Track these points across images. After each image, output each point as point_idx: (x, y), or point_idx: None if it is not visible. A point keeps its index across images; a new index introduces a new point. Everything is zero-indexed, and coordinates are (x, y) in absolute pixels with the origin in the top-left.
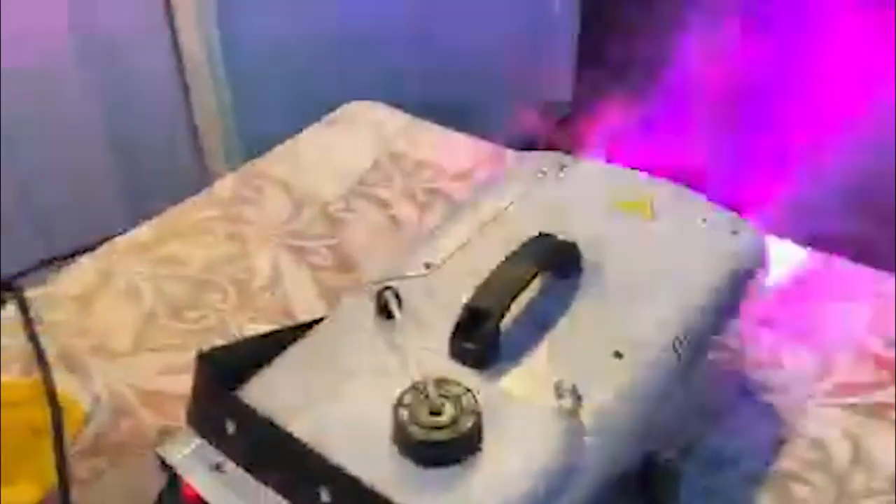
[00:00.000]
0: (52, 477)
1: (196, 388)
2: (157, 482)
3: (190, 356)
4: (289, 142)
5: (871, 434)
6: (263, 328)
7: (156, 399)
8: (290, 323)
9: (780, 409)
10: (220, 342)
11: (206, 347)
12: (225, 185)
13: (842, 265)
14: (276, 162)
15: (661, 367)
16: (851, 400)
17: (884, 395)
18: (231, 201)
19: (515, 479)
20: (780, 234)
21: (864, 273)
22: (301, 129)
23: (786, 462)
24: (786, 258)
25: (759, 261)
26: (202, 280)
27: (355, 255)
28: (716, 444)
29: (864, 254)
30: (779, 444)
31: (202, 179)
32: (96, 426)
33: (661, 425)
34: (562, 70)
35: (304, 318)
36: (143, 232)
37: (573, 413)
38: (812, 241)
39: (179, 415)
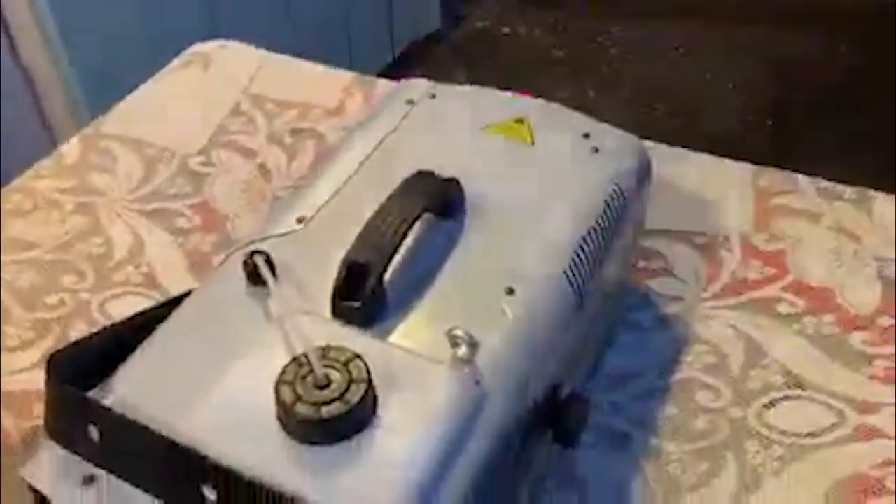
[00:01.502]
0: None
1: (49, 396)
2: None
3: (49, 347)
4: (135, 92)
5: (763, 330)
6: (129, 307)
7: (17, 400)
8: (158, 298)
9: (676, 317)
10: (84, 329)
11: (70, 336)
12: (70, 150)
13: (721, 163)
14: (124, 117)
15: (556, 298)
16: (741, 299)
17: (772, 290)
18: (78, 168)
19: (415, 448)
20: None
21: (745, 169)
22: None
23: (685, 369)
24: (668, 162)
25: (644, 172)
26: (54, 261)
27: (223, 212)
28: (617, 360)
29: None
30: (677, 352)
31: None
32: None
33: (562, 357)
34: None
35: (172, 289)
36: None
37: (469, 362)
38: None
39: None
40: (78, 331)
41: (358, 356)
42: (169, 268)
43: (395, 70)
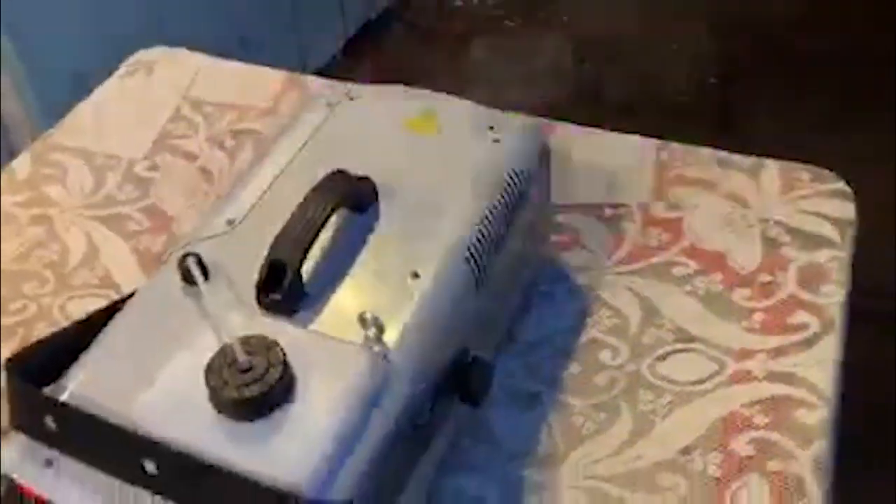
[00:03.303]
0: None
1: (10, 392)
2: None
3: (13, 348)
4: (81, 104)
5: (659, 292)
6: (89, 307)
7: None
8: (113, 296)
9: (584, 285)
10: (46, 329)
11: (32, 337)
12: (21, 165)
13: (626, 139)
14: (72, 130)
15: (456, 279)
16: (641, 265)
17: (668, 255)
18: (30, 182)
19: (326, 418)
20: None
21: (648, 143)
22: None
23: (590, 331)
24: (578, 141)
25: (542, 155)
26: (14, 271)
27: (169, 213)
28: (531, 326)
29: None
30: (584, 317)
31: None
32: None
33: (464, 329)
34: None
35: (127, 288)
36: None
37: (377, 341)
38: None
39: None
40: (41, 333)
41: (276, 343)
42: (123, 269)
43: (351, 49)
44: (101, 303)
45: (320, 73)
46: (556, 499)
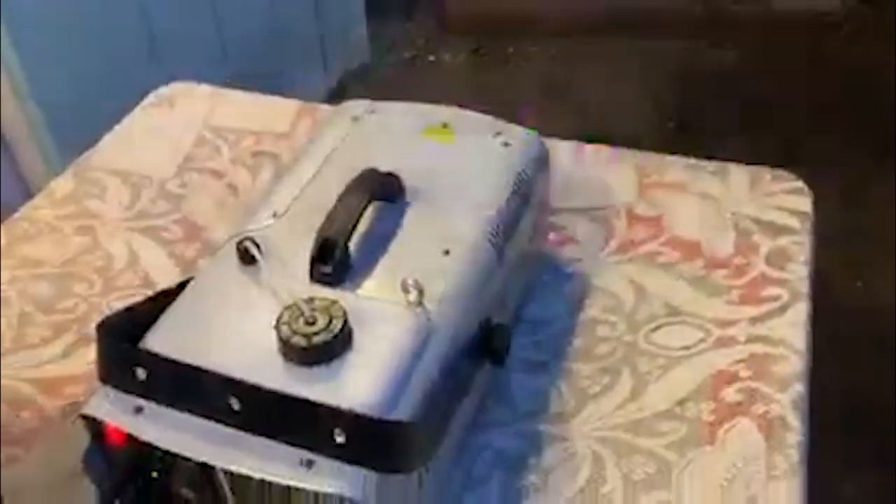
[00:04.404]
0: None
1: (102, 350)
2: (77, 451)
3: (70, 342)
4: (115, 130)
5: (647, 276)
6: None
7: (49, 385)
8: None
9: (580, 274)
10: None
11: (83, 332)
12: (63, 184)
13: (608, 151)
14: (106, 152)
15: (481, 256)
16: (629, 255)
17: (652, 246)
18: (72, 197)
19: (383, 363)
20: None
21: (627, 153)
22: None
23: (588, 311)
24: (566, 154)
25: (543, 159)
26: (64, 274)
27: (201, 223)
28: (536, 310)
29: None
30: (581, 300)
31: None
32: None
33: (489, 299)
34: (357, 33)
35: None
36: None
37: (419, 303)
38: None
39: (75, 393)
40: (92, 328)
41: (336, 301)
42: (162, 272)
43: (331, 101)
44: None
45: None
46: (571, 447)
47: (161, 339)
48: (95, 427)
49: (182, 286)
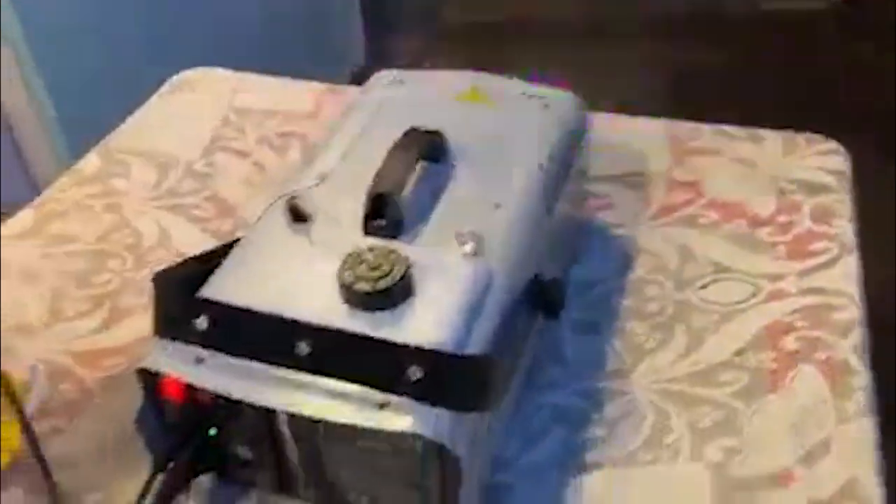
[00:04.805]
0: (16, 442)
1: (160, 303)
2: (123, 420)
3: (106, 315)
4: (136, 114)
5: (690, 238)
6: None
7: (87, 357)
8: None
9: (622, 237)
10: (132, 300)
11: (119, 305)
12: (89, 164)
13: (640, 121)
14: (131, 134)
15: (531, 208)
16: (670, 219)
17: (692, 209)
18: (98, 177)
19: (449, 307)
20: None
21: (659, 123)
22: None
23: (635, 272)
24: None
25: (582, 120)
26: (97, 250)
27: (232, 200)
28: (583, 272)
29: None
30: (626, 261)
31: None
32: (39, 394)
33: (541, 254)
34: (353, 41)
35: None
36: (21, 219)
37: (477, 253)
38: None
39: (113, 364)
40: (127, 301)
41: (394, 250)
42: (194, 247)
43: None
44: None
45: None
46: (632, 400)
47: (219, 290)
48: (152, 384)
49: (229, 246)
